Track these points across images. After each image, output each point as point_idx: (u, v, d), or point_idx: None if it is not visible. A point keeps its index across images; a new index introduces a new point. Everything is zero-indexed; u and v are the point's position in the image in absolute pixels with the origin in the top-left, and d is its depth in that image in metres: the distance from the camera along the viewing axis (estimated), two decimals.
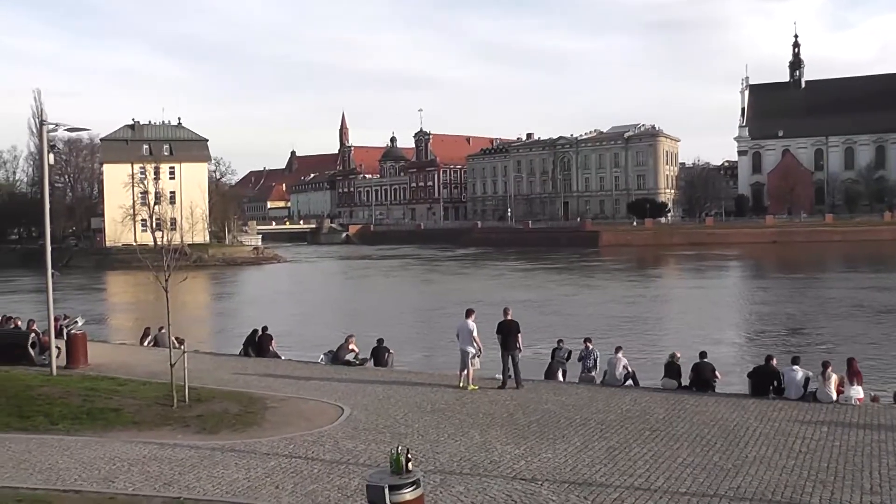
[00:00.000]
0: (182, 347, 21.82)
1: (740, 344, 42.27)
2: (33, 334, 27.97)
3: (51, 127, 27.61)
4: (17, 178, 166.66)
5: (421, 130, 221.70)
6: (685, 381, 21.99)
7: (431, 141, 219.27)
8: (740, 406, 19.53)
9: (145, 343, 32.70)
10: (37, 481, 14.43)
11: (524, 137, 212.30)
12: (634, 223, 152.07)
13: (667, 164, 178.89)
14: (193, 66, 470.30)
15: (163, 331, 30.05)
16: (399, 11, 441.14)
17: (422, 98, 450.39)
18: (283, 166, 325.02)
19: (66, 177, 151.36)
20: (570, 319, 50.23)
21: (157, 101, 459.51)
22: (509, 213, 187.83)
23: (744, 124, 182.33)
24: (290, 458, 15.63)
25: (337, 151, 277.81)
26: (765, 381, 20.82)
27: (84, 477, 14.70)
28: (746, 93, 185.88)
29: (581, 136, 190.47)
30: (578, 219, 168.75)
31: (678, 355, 22.96)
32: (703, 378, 21.55)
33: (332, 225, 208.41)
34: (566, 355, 25.39)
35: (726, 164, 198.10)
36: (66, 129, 28.07)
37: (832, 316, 51.08)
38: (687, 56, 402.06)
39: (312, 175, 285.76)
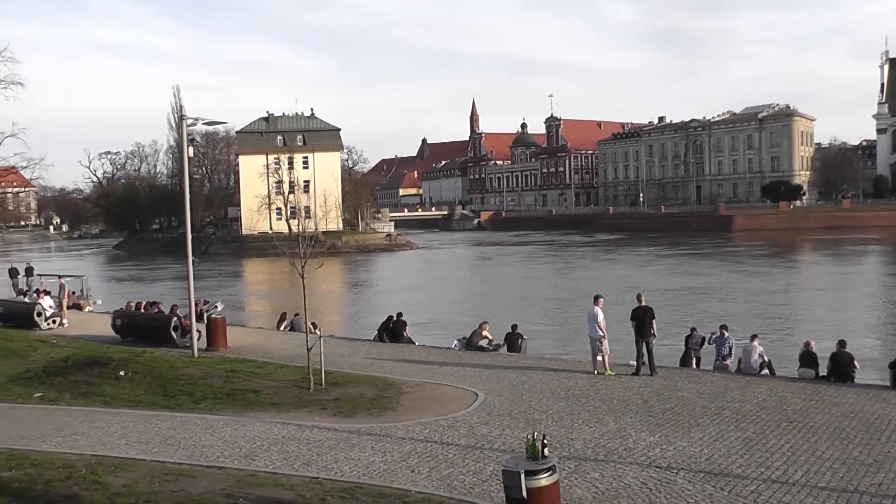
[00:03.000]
0: (318, 332, 22.26)
1: (883, 333, 40.88)
2: (175, 318, 28.89)
3: (190, 121, 28.37)
4: (157, 170, 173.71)
5: (552, 116, 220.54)
6: (822, 370, 21.43)
7: (562, 126, 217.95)
8: (881, 398, 18.84)
9: (282, 328, 33.32)
10: (181, 457, 14.95)
11: (656, 121, 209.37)
12: (780, 206, 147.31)
13: (802, 144, 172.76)
14: (325, 57, 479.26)
15: (298, 316, 30.74)
16: None
17: (552, 83, 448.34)
18: (415, 154, 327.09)
19: (204, 168, 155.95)
20: (748, 308, 49.25)
21: (290, 93, 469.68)
22: (641, 198, 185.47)
23: (883, 101, 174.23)
24: (425, 442, 15.79)
25: (468, 138, 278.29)
26: None
27: (226, 454, 15.18)
28: (886, 67, 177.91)
29: (713, 118, 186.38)
30: (711, 203, 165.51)
31: (813, 344, 22.38)
32: (842, 368, 20.92)
33: (464, 211, 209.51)
34: (699, 342, 25.12)
35: (864, 143, 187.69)
36: (204, 123, 29.04)
37: None
38: (821, 30, 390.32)
39: (444, 162, 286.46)
